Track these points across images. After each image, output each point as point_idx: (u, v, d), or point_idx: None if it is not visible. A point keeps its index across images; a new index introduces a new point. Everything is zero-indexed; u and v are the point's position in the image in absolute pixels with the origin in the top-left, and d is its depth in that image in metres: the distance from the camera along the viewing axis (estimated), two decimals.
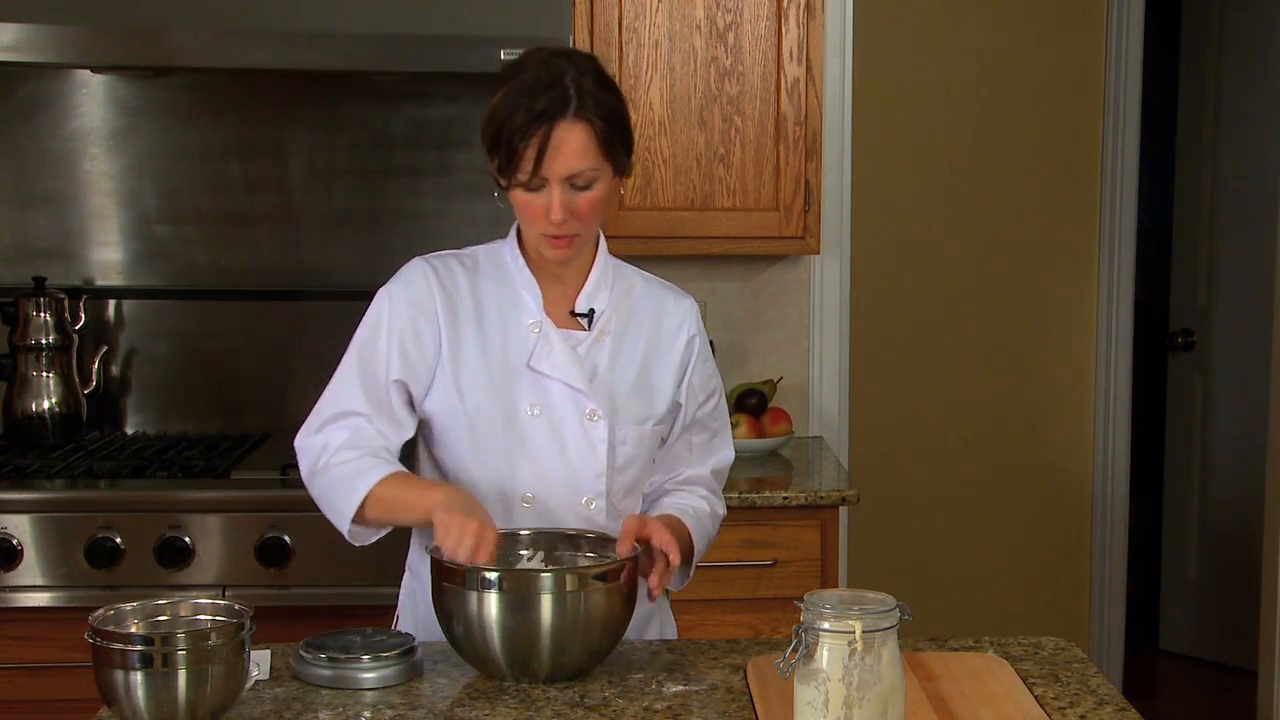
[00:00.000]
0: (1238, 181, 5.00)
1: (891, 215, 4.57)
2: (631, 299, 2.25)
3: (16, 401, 3.42)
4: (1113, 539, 4.70)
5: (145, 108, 3.57)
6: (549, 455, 2.16)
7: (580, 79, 2.06)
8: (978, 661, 2.06)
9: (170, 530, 2.98)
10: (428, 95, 3.60)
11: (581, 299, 2.21)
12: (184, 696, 1.75)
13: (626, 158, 2.14)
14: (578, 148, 2.05)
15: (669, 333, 2.26)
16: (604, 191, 2.10)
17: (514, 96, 2.05)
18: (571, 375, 2.16)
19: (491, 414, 2.15)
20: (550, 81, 2.04)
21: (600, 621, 1.96)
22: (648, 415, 2.22)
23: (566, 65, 2.07)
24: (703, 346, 2.30)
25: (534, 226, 2.11)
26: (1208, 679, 5.10)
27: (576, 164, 2.05)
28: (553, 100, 2.03)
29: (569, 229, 2.10)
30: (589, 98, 2.05)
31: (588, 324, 2.20)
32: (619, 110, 2.11)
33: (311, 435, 2.17)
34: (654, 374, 2.23)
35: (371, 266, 3.56)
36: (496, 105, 2.07)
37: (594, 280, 2.21)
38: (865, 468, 4.25)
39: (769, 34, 3.37)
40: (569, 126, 2.04)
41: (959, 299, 4.65)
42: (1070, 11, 4.58)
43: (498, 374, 2.16)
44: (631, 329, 2.23)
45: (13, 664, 2.97)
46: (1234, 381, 5.05)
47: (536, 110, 2.03)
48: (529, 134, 2.03)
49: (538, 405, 2.16)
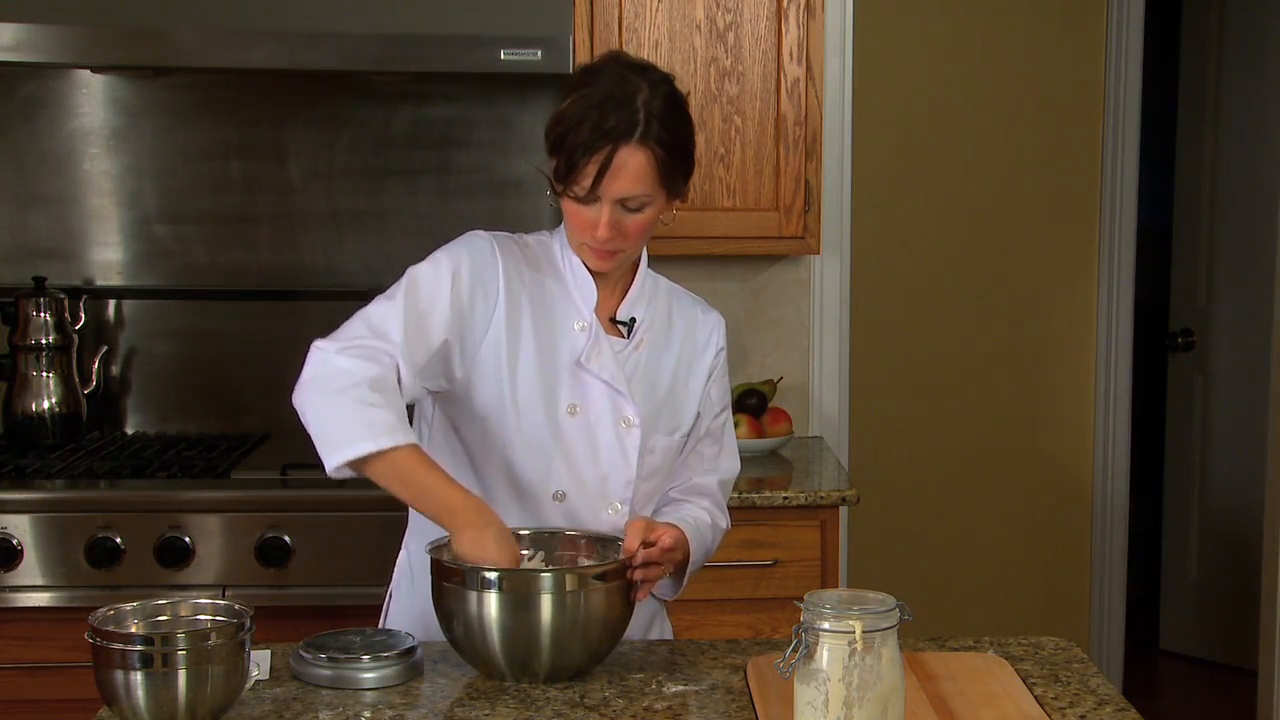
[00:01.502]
0: (1238, 181, 5.00)
1: (891, 215, 4.57)
2: (666, 311, 2.27)
3: (16, 401, 3.42)
4: (1113, 539, 4.70)
5: (145, 108, 3.57)
6: (583, 456, 2.17)
7: (651, 102, 2.04)
8: (978, 661, 2.06)
9: (170, 530, 2.98)
10: (428, 95, 3.60)
11: (624, 307, 2.21)
12: (184, 696, 1.75)
13: (684, 184, 2.14)
14: (636, 173, 2.04)
15: (699, 347, 2.28)
16: (654, 215, 2.10)
17: (584, 107, 2.04)
18: (617, 377, 2.17)
19: (536, 407, 2.14)
20: (623, 100, 2.03)
21: (600, 621, 1.96)
22: (676, 427, 2.24)
23: (641, 84, 2.06)
24: (725, 361, 2.32)
25: (579, 236, 2.12)
26: (1208, 679, 5.10)
27: (632, 189, 2.05)
28: (621, 121, 2.02)
29: (613, 245, 2.10)
30: (656, 123, 2.04)
31: (627, 333, 2.21)
32: (685, 138, 2.10)
33: (334, 354, 2.01)
34: (684, 387, 2.25)
35: (371, 266, 3.58)
36: (565, 110, 2.06)
37: (636, 289, 2.22)
38: (865, 468, 4.26)
39: (769, 34, 3.37)
40: (632, 151, 2.03)
41: (959, 299, 4.65)
42: (1070, 11, 4.58)
43: (547, 369, 2.16)
44: (666, 341, 2.25)
45: (13, 664, 2.97)
46: (1234, 381, 5.05)
47: (604, 128, 2.01)
48: (591, 151, 2.02)
49: (577, 405, 2.16)
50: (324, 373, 2.01)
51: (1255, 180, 4.85)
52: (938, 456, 4.67)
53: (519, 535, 2.11)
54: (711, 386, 2.29)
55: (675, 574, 2.20)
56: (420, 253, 2.19)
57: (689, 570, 2.22)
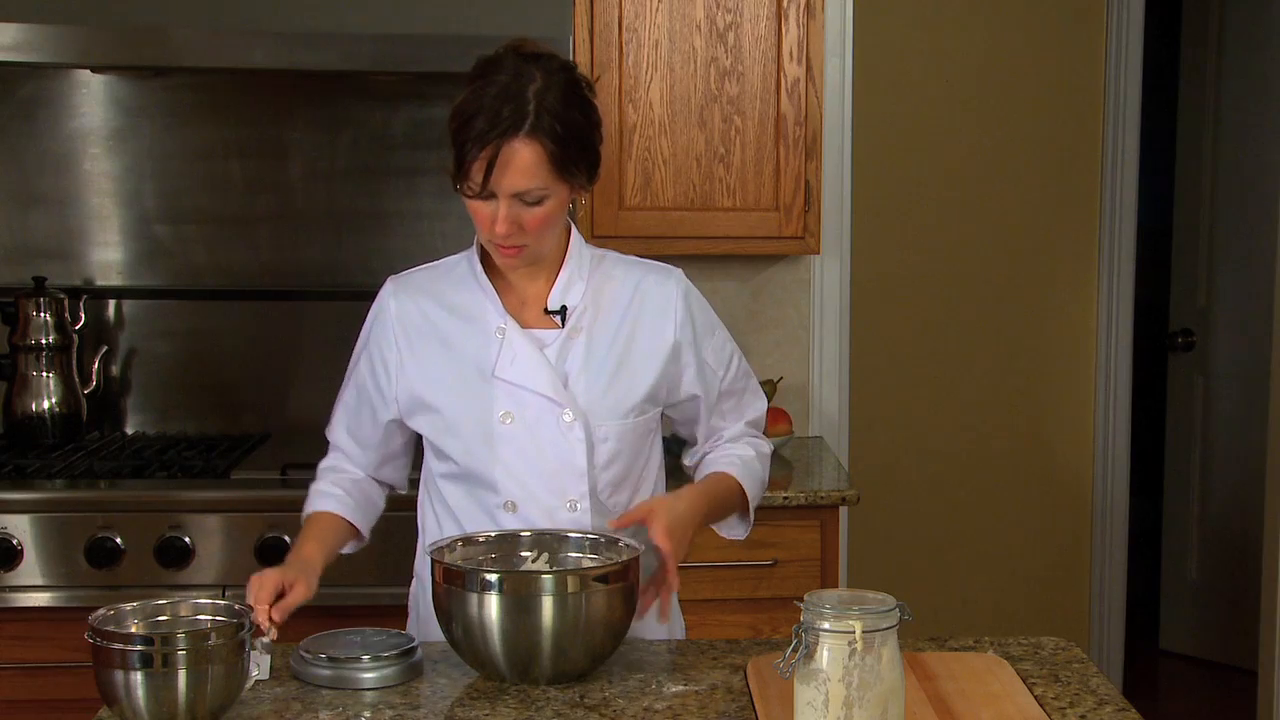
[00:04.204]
0: (1238, 181, 5.00)
1: (891, 215, 4.57)
2: (610, 288, 2.22)
3: (16, 401, 3.42)
4: (1113, 539, 4.70)
5: (145, 108, 3.56)
6: (527, 461, 2.15)
7: (545, 94, 2.02)
8: (978, 661, 2.06)
9: (170, 530, 2.98)
10: (428, 95, 3.60)
11: (553, 296, 2.19)
12: (184, 696, 1.75)
13: (587, 175, 2.11)
14: (526, 167, 2.02)
15: (651, 317, 2.22)
16: (555, 207, 2.08)
17: (476, 100, 2.03)
18: (537, 381, 2.14)
19: (463, 425, 2.15)
20: (515, 92, 2.01)
21: (602, 623, 1.95)
22: (629, 407, 2.18)
23: (535, 73, 2.04)
24: (703, 322, 2.26)
25: (483, 233, 2.11)
26: (1208, 679, 5.10)
27: (524, 183, 2.03)
28: (507, 115, 2.00)
29: (515, 241, 2.08)
30: (547, 115, 2.01)
31: (561, 321, 2.18)
32: (582, 128, 2.07)
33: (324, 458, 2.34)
34: (635, 362, 2.19)
35: (371, 266, 3.58)
36: (460, 105, 2.05)
37: (565, 277, 2.19)
38: (865, 468, 4.26)
39: (769, 34, 3.37)
40: (519, 145, 2.01)
41: (959, 299, 4.65)
42: (1070, 11, 4.58)
43: (469, 384, 2.16)
44: (609, 319, 2.20)
45: (13, 664, 2.97)
46: (1234, 381, 5.05)
47: (489, 124, 2.00)
48: (481, 146, 2.01)
49: (511, 412, 2.15)
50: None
51: (1255, 180, 4.85)
52: (938, 456, 4.67)
53: (520, 537, 2.11)
54: (704, 351, 2.25)
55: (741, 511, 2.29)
56: (420, 253, 2.23)
57: (752, 504, 2.30)
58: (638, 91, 3.35)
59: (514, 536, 2.11)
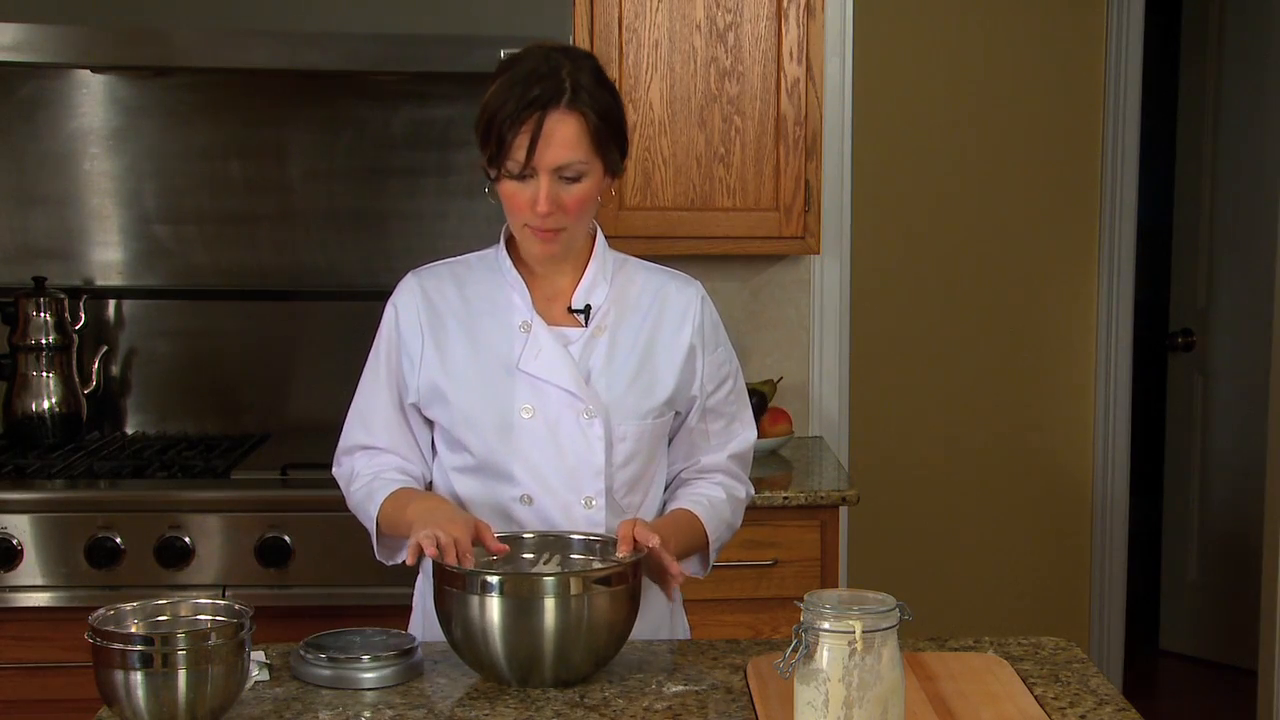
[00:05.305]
0: (1238, 181, 5.00)
1: (891, 215, 4.57)
2: (633, 291, 2.24)
3: (16, 401, 3.42)
4: (1113, 539, 4.70)
5: (145, 108, 3.57)
6: (546, 456, 2.16)
7: (577, 74, 2.07)
8: (978, 661, 2.06)
9: (170, 530, 2.98)
10: (428, 95, 3.60)
11: (577, 295, 2.20)
12: (184, 696, 1.75)
13: (620, 157, 2.14)
14: (570, 138, 2.05)
15: (672, 322, 2.24)
16: (593, 187, 2.10)
17: (508, 87, 2.05)
18: (561, 376, 2.15)
19: (483, 418, 2.16)
20: (547, 73, 2.05)
21: (605, 626, 1.94)
22: (648, 409, 2.20)
23: (564, 59, 2.08)
24: (712, 333, 2.28)
25: (520, 217, 2.11)
26: (1208, 679, 5.10)
27: (567, 155, 2.05)
28: (546, 89, 2.04)
29: (555, 222, 2.09)
30: (584, 92, 2.06)
31: (585, 320, 2.20)
32: (614, 108, 2.11)
33: (337, 466, 2.30)
34: (656, 365, 2.21)
35: (371, 266, 3.58)
36: (490, 96, 2.07)
37: (590, 275, 2.21)
38: (865, 468, 4.25)
39: (769, 34, 3.37)
40: (562, 116, 2.04)
41: (959, 299, 4.65)
42: (1070, 11, 4.58)
43: (492, 377, 2.16)
44: (632, 322, 2.22)
45: (13, 664, 2.97)
46: (1234, 381, 5.05)
47: (529, 98, 2.03)
48: (521, 121, 2.03)
49: (531, 406, 2.15)
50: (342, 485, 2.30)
51: (1255, 180, 4.85)
52: (938, 456, 4.67)
53: (523, 538, 2.10)
54: (704, 361, 2.26)
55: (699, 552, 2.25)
56: (420, 253, 2.22)
57: (713, 546, 2.25)
58: (638, 91, 3.35)
59: (516, 538, 2.10)
